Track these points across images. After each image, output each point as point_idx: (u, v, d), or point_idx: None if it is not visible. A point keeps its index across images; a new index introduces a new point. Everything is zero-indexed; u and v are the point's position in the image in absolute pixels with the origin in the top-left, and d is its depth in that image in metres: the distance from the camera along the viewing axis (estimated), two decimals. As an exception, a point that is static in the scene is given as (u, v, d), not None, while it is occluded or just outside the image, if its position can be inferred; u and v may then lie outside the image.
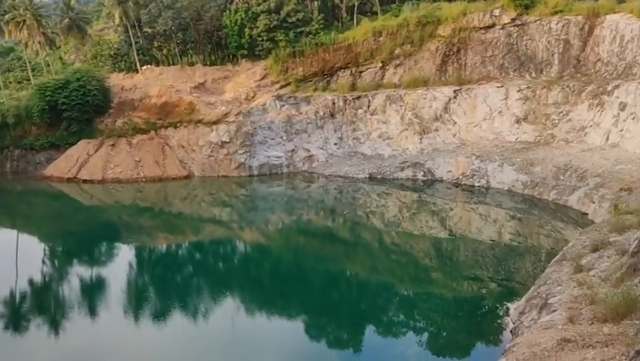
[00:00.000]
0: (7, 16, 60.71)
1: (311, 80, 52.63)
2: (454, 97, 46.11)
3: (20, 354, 20.98)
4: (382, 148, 48.86)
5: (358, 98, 49.73)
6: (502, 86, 44.49)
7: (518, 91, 43.47)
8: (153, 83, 55.62)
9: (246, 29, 53.44)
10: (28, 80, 66.39)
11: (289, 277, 29.77)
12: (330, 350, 21.26)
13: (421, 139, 47.24)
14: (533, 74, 45.13)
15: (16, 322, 23.77)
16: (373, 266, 30.89)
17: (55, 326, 23.26)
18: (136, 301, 26.15)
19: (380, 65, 50.35)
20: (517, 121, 43.42)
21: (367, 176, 45.96)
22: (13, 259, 32.19)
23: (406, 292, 26.98)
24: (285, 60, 52.59)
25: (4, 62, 77.81)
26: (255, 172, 50.01)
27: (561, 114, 41.32)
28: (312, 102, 50.91)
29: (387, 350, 20.89)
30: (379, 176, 45.57)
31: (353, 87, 50.89)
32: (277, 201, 45.36)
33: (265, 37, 53.02)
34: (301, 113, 50.75)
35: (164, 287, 28.60)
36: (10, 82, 72.13)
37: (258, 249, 35.84)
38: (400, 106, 48.08)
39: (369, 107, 49.40)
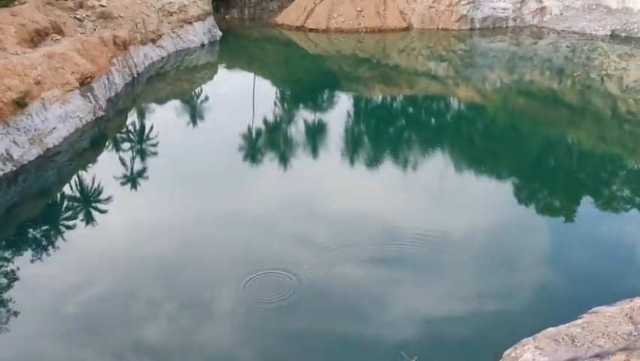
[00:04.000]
0: None
1: None
2: None
3: (254, 181, 24.63)
4: (632, 1, 41.54)
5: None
6: None
7: None
8: None
9: None
10: None
11: (502, 138, 28.92)
12: (538, 215, 20.83)
13: (688, -11, 38.91)
14: None
15: (253, 154, 27.59)
16: (600, 135, 28.23)
17: (284, 159, 26.45)
18: (352, 147, 28.22)
19: None
20: None
21: (609, 33, 40.19)
22: (250, 98, 36.42)
23: (636, 167, 24.43)
24: None
25: None
26: (477, 25, 47.12)
27: None
28: (552, -56, 44.57)
29: (604, 224, 19.75)
30: (623, 34, 39.53)
31: None
32: (498, 57, 42.71)
33: None
34: (538, -42, 45.04)
35: (377, 137, 30.16)
36: None
37: (472, 107, 34.99)
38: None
39: (624, -52, 41.57)
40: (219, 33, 49.87)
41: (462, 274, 15.50)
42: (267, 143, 29.69)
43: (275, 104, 37.18)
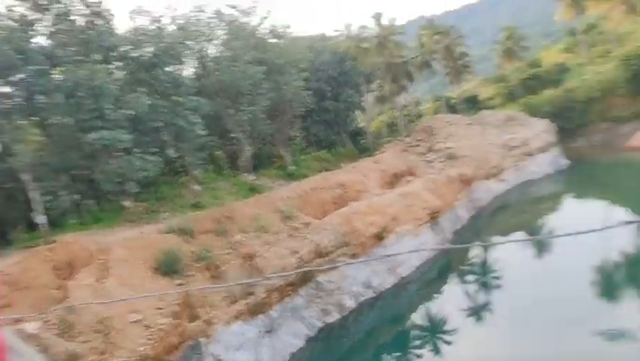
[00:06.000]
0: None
1: None
2: None
3: (609, 322, 21.43)
4: None
5: None
6: None
7: None
8: None
9: None
10: (611, 52, 65.98)
11: None
12: None
13: None
14: None
15: (609, 292, 24.32)
16: None
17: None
18: None
19: None
20: None
21: None
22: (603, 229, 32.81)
23: None
24: None
25: (588, 38, 78.89)
26: None
27: None
28: None
29: None
30: None
31: None
32: None
33: None
34: None
35: None
36: (594, 58, 73.18)
37: None
38: None
39: None
40: (565, 162, 48.18)
41: None
42: (626, 279, 26.05)
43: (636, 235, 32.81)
